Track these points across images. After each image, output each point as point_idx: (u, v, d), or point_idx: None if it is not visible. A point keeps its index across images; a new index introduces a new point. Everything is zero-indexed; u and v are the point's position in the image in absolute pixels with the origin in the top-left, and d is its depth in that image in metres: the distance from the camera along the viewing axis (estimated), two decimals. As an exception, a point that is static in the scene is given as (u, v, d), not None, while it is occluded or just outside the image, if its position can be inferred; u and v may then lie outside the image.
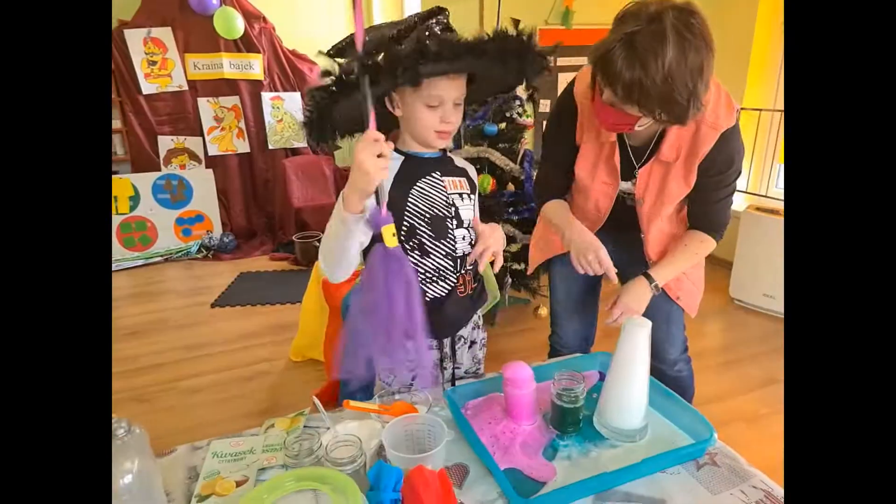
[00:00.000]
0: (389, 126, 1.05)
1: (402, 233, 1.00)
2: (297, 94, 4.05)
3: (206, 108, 3.89)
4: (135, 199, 3.76)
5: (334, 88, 0.88)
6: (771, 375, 2.24)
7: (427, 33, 0.93)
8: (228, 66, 3.82)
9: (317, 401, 0.94)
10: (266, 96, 3.97)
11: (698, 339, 2.59)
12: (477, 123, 2.39)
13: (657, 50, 0.87)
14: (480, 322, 1.20)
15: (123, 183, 3.72)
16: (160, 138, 3.84)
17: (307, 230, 3.83)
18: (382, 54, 0.83)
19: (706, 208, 1.21)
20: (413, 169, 1.01)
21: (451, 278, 1.04)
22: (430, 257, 1.02)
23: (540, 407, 1.00)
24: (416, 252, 1.01)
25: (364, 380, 1.74)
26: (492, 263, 1.05)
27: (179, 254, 3.83)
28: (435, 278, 1.03)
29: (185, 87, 3.81)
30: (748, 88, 3.14)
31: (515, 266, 2.62)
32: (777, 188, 3.25)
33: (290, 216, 4.01)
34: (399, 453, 0.78)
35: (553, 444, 0.92)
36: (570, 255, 1.20)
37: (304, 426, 0.97)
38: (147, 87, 3.71)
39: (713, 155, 1.09)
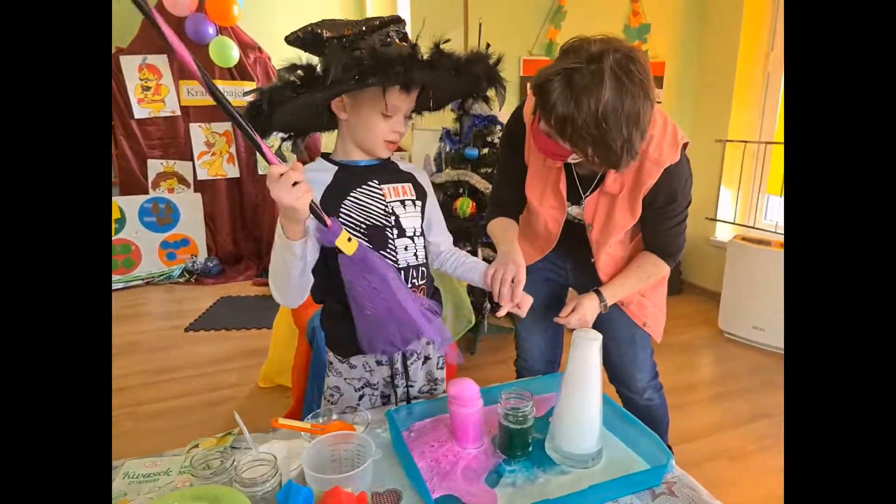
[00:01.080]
0: (319, 128, 1.03)
1: None
2: (289, 122, 4.09)
3: (198, 133, 3.92)
4: (121, 222, 3.74)
5: (298, 84, 0.85)
6: (760, 410, 2.14)
7: (387, 39, 0.92)
8: (221, 93, 3.87)
9: (237, 416, 0.86)
10: (258, 123, 4.00)
11: (687, 373, 2.50)
12: (457, 148, 2.38)
13: (592, 90, 0.84)
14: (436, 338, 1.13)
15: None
16: (150, 162, 3.85)
17: (292, 256, 3.79)
18: (365, 53, 0.81)
19: (657, 236, 1.19)
20: (347, 178, 0.97)
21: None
22: None
23: (489, 430, 0.92)
24: None
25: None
26: (470, 291, 1.02)
27: (161, 277, 3.77)
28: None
29: (178, 113, 3.84)
30: (732, 120, 3.16)
31: (496, 292, 2.56)
32: (766, 220, 3.22)
33: (277, 242, 3.97)
34: (316, 473, 0.70)
35: (498, 469, 0.84)
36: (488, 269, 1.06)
37: (232, 446, 0.89)
38: (139, 112, 3.75)
39: (656, 189, 1.07)
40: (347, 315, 0.93)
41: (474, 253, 2.36)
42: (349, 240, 0.86)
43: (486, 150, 2.46)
